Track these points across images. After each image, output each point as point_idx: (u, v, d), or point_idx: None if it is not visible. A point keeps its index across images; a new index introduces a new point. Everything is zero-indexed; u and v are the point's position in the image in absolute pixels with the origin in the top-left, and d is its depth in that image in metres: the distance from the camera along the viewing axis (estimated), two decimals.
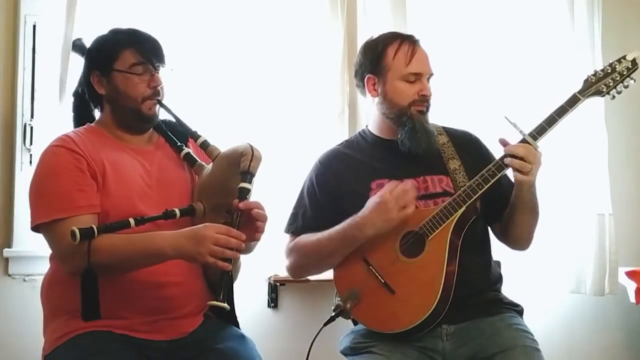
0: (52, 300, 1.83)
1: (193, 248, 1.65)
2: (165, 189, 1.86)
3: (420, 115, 2.01)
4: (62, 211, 1.70)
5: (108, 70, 1.85)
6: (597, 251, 2.73)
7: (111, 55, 1.85)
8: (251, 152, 1.75)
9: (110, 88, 1.86)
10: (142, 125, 1.91)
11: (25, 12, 2.46)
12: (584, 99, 1.90)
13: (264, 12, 2.67)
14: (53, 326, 1.80)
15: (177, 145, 1.94)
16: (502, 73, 2.81)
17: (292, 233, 2.10)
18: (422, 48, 2.06)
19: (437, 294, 1.84)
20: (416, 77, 2.01)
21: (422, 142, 1.99)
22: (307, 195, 2.11)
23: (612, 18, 2.85)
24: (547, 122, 1.88)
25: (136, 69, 1.84)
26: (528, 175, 1.85)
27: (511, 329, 1.90)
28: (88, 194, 1.74)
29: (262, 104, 2.65)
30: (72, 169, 1.75)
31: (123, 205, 1.76)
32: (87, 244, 1.63)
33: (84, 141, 1.81)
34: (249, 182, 1.74)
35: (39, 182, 1.78)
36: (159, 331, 1.80)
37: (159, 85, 1.87)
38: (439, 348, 1.90)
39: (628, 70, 1.89)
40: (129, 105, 1.85)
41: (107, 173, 1.78)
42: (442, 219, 1.88)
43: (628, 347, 2.90)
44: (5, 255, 2.43)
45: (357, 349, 1.97)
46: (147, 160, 1.89)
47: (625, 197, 2.86)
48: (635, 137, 2.94)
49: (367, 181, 2.02)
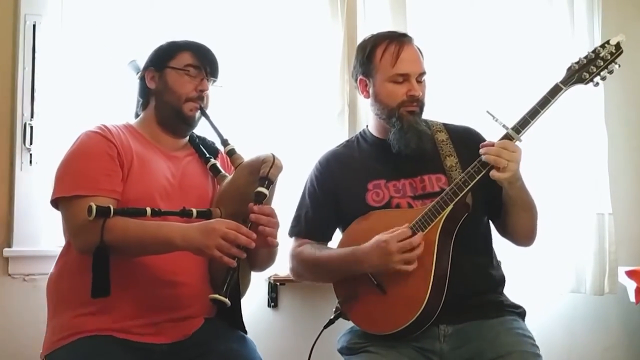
0: (59, 294, 1.84)
1: (201, 240, 1.67)
2: (186, 193, 1.90)
3: (410, 115, 2.00)
4: (84, 189, 1.75)
5: (163, 66, 1.94)
6: (597, 251, 2.73)
7: (169, 54, 1.95)
8: (272, 160, 1.80)
9: (161, 83, 1.94)
10: (180, 126, 1.96)
11: (25, 12, 2.46)
12: (566, 88, 1.87)
13: (264, 13, 2.66)
14: (56, 322, 1.81)
15: (206, 157, 1.99)
16: (502, 73, 2.81)
17: (296, 236, 2.11)
18: (412, 47, 2.04)
19: (425, 294, 1.83)
20: (404, 78, 2.00)
21: (411, 143, 1.99)
22: (309, 196, 2.12)
23: (612, 18, 2.85)
24: (530, 114, 1.86)
25: (189, 69, 1.92)
26: (503, 171, 1.82)
27: (511, 333, 1.89)
28: (112, 179, 1.79)
29: (262, 104, 2.65)
30: (103, 154, 1.80)
31: (143, 199, 1.79)
32: (101, 222, 1.67)
33: (118, 133, 1.87)
34: (266, 188, 1.78)
35: (68, 160, 1.83)
36: (160, 334, 1.81)
37: (205, 90, 1.93)
38: (436, 349, 1.90)
39: (612, 55, 1.85)
40: (173, 101, 1.92)
41: (134, 165, 1.83)
42: (430, 217, 1.88)
43: (628, 346, 2.90)
44: (5, 255, 2.43)
45: (354, 349, 1.97)
46: (175, 164, 1.94)
47: (625, 197, 2.86)
48: (635, 136, 2.94)
49: (364, 181, 2.03)
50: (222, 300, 1.65)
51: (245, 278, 1.97)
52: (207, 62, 1.95)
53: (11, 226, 2.43)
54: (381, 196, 2.00)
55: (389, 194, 2.00)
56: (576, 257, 2.75)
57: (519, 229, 2.00)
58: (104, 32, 2.51)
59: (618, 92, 2.89)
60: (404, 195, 1.99)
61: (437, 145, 2.04)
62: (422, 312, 1.82)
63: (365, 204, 2.01)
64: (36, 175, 2.42)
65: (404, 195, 1.99)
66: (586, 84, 1.87)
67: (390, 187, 2.01)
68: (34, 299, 2.29)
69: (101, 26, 2.51)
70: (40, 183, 2.37)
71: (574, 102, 2.77)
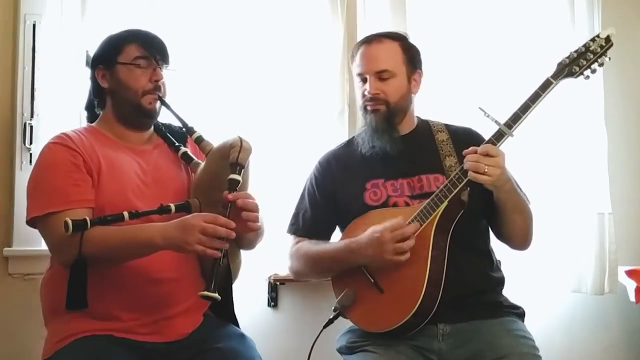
0: (52, 299, 1.83)
1: (181, 237, 1.66)
2: (161, 187, 1.88)
3: (372, 114, 2.02)
4: (56, 205, 1.73)
5: (112, 63, 1.88)
6: (597, 250, 2.73)
7: (115, 49, 1.89)
8: (240, 144, 1.76)
9: (113, 81, 1.89)
10: (141, 120, 1.92)
11: (25, 12, 2.46)
12: (556, 82, 1.86)
13: (264, 12, 2.66)
14: (53, 327, 1.80)
15: (175, 146, 1.95)
16: (502, 72, 2.80)
17: (293, 234, 2.12)
18: (377, 46, 2.05)
19: (421, 291, 1.83)
20: (362, 77, 2.04)
21: (372, 141, 2.02)
22: (307, 195, 2.13)
23: (612, 18, 2.84)
24: (522, 109, 1.86)
25: (139, 62, 1.87)
26: (485, 175, 1.81)
27: (510, 334, 1.89)
28: (82, 188, 1.76)
29: (263, 103, 2.65)
30: (68, 165, 1.77)
31: (118, 201, 1.78)
32: (79, 235, 1.65)
33: (81, 139, 1.84)
34: (238, 174, 1.74)
35: (35, 177, 1.81)
36: (159, 333, 1.80)
37: (160, 79, 1.89)
38: (434, 348, 1.90)
39: (602, 48, 1.85)
40: (130, 97, 1.88)
41: (103, 169, 1.80)
42: (425, 215, 1.88)
43: (628, 345, 2.90)
44: (5, 255, 2.43)
45: (353, 348, 1.97)
46: (144, 159, 1.91)
47: (625, 196, 2.86)
48: (635, 136, 2.94)
49: (362, 181, 2.04)
50: (212, 296, 1.64)
51: (236, 260, 1.97)
52: (156, 50, 1.89)
53: (11, 226, 2.43)
54: (379, 195, 2.01)
55: (386, 193, 2.01)
56: (576, 257, 2.75)
57: (511, 233, 2.00)
58: (103, 31, 2.50)
59: (618, 92, 2.89)
60: (402, 195, 2.00)
61: (437, 145, 2.05)
62: (418, 309, 1.83)
63: (363, 203, 2.01)
64: None
65: (401, 194, 2.00)
66: (576, 77, 1.87)
67: (388, 187, 2.02)
68: (34, 298, 2.28)
69: (101, 26, 2.50)
70: None
71: (574, 101, 2.77)
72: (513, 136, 1.86)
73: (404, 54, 2.06)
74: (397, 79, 2.03)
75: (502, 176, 1.84)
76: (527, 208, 1.99)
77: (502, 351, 1.83)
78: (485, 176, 1.81)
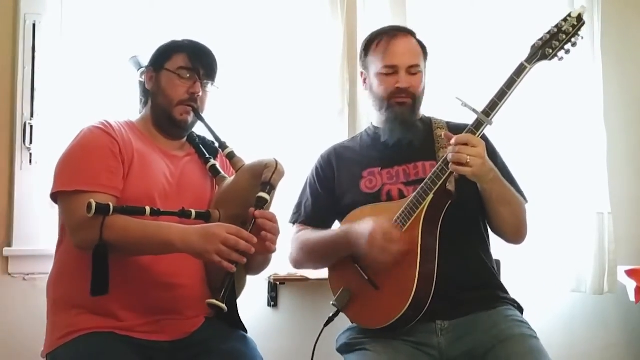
0: (58, 293, 1.83)
1: (201, 244, 1.65)
2: (185, 193, 1.89)
3: (399, 106, 2.04)
4: (85, 184, 1.73)
5: (159, 68, 1.92)
6: (597, 250, 2.73)
7: (166, 55, 1.93)
8: (275, 166, 1.79)
9: (156, 85, 1.93)
10: (172, 130, 1.94)
11: (25, 11, 2.46)
12: (530, 66, 1.84)
13: (264, 12, 2.67)
14: (56, 321, 1.80)
15: (205, 157, 1.98)
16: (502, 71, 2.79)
17: (295, 222, 2.17)
18: (406, 40, 2.07)
19: (413, 283, 1.83)
20: (393, 70, 2.04)
21: (396, 132, 2.03)
22: (309, 187, 2.18)
23: (612, 18, 2.85)
24: (498, 96, 1.84)
25: (181, 72, 1.90)
26: (466, 166, 1.79)
27: (508, 320, 1.91)
28: (114, 176, 1.77)
29: (263, 103, 2.66)
30: (105, 150, 1.79)
31: (142, 197, 1.78)
32: (101, 219, 1.65)
33: (120, 129, 1.86)
34: (268, 193, 1.76)
35: (70, 154, 1.81)
36: (161, 331, 1.80)
37: (197, 92, 1.90)
38: (434, 343, 1.90)
39: (574, 28, 1.82)
40: (164, 104, 1.90)
41: (135, 163, 1.82)
42: (412, 209, 1.88)
43: (627, 345, 2.90)
44: (5, 254, 2.43)
45: (352, 346, 1.98)
46: (174, 164, 1.93)
47: (625, 196, 2.87)
48: (634, 135, 2.94)
49: (360, 170, 2.07)
50: (220, 305, 1.64)
51: (241, 280, 1.98)
52: (202, 64, 1.92)
53: (11, 225, 2.43)
54: (374, 183, 2.04)
55: (381, 181, 2.03)
56: (576, 257, 2.75)
57: (502, 225, 1.99)
58: (103, 31, 2.51)
59: (617, 91, 2.89)
60: (397, 182, 2.02)
61: (435, 139, 2.06)
62: (412, 302, 1.82)
63: (359, 191, 2.04)
64: (36, 174, 2.42)
65: (396, 181, 2.02)
66: (550, 59, 1.84)
67: (384, 174, 2.04)
68: (34, 298, 2.29)
69: (101, 26, 2.51)
70: (40, 182, 2.37)
71: (574, 101, 2.77)
72: (492, 124, 1.84)
73: (422, 50, 2.11)
74: (422, 74, 2.08)
75: (483, 167, 1.82)
76: (515, 200, 1.97)
77: (502, 336, 1.84)
78: (466, 167, 1.79)
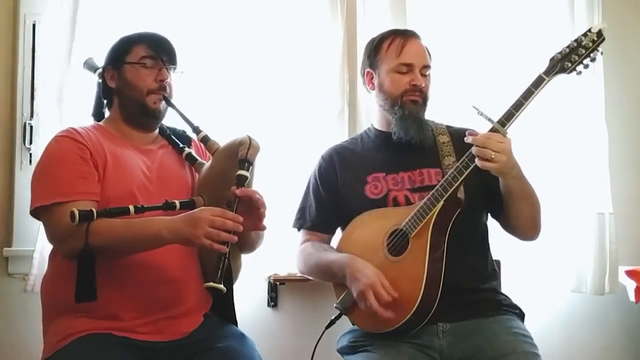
0: (53, 298, 1.83)
1: (189, 230, 1.66)
2: (165, 185, 1.89)
3: (412, 104, 2.05)
4: (63, 195, 1.74)
5: (120, 63, 1.92)
6: (597, 250, 2.72)
7: (124, 50, 1.93)
8: (249, 142, 1.80)
9: (120, 81, 1.92)
10: (146, 120, 1.94)
11: (25, 12, 2.47)
12: (549, 78, 1.85)
13: (264, 12, 2.67)
14: (53, 328, 1.80)
15: (179, 147, 1.98)
16: (502, 73, 2.81)
17: (300, 228, 2.16)
18: (418, 41, 2.11)
19: (419, 292, 1.83)
20: (408, 68, 2.05)
21: (412, 130, 2.03)
22: (312, 190, 2.16)
23: (612, 18, 2.84)
24: (515, 106, 1.85)
25: (145, 62, 1.90)
26: (491, 162, 1.80)
27: (510, 332, 1.89)
28: (89, 181, 1.78)
29: (263, 103, 2.66)
30: (75, 157, 1.79)
31: (123, 197, 1.79)
32: (85, 226, 1.66)
33: (88, 134, 1.86)
34: (247, 170, 1.77)
35: (42, 168, 1.82)
36: (159, 332, 1.80)
37: (165, 79, 1.91)
38: (435, 345, 1.90)
39: (594, 43, 1.83)
40: (135, 96, 1.90)
41: (109, 164, 1.82)
42: (422, 215, 1.89)
43: (627, 345, 2.90)
44: (5, 255, 2.44)
45: (355, 348, 1.97)
46: (149, 157, 1.92)
47: (626, 196, 2.86)
48: (636, 136, 2.93)
49: (364, 174, 2.06)
50: (218, 287, 1.64)
51: (237, 261, 1.98)
52: (163, 51, 1.93)
53: (11, 226, 2.44)
54: (379, 189, 2.03)
55: (387, 187, 2.02)
56: (576, 257, 2.74)
57: (521, 221, 2.00)
58: (103, 31, 2.51)
59: (619, 92, 2.88)
60: (402, 188, 2.01)
61: (438, 146, 2.06)
62: (417, 309, 1.83)
63: (364, 197, 2.03)
64: None
65: (402, 188, 2.02)
66: (569, 73, 1.85)
67: (389, 180, 2.03)
68: (34, 298, 2.29)
69: (101, 26, 2.51)
70: None
71: (575, 101, 2.77)
72: (506, 134, 1.85)
73: (428, 54, 2.13)
74: (431, 75, 2.10)
75: (508, 162, 1.83)
76: (534, 195, 1.98)
77: (504, 349, 1.83)
78: (491, 163, 1.80)
